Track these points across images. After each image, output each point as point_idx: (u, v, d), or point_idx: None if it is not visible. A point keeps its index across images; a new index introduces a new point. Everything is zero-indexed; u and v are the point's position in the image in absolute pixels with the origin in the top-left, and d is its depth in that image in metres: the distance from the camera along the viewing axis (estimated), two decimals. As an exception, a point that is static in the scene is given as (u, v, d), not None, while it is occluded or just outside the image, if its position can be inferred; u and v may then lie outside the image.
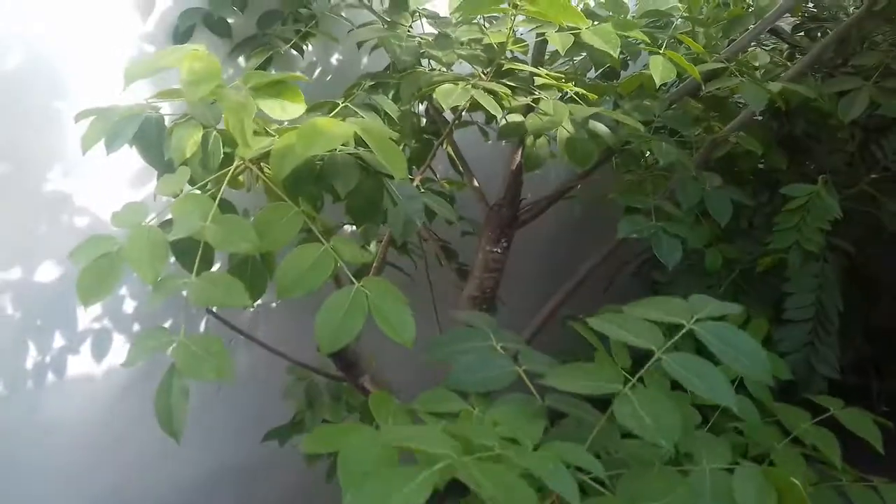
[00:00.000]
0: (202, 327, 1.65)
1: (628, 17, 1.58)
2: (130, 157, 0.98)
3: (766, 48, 2.00)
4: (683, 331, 0.78)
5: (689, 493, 0.70)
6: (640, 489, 0.69)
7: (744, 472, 0.74)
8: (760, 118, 1.88)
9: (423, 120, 1.61)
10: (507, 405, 0.78)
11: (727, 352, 0.75)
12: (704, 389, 0.72)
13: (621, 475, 0.72)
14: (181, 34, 1.45)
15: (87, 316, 1.46)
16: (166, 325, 1.59)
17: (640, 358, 0.80)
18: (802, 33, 1.93)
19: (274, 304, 1.78)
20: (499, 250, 1.47)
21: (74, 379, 1.47)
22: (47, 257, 1.39)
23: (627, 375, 0.77)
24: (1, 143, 1.30)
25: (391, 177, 0.92)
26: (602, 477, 0.65)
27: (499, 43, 1.26)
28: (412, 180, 1.33)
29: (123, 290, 1.49)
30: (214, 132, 0.94)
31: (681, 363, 0.74)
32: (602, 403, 0.82)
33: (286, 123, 0.95)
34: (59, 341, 1.44)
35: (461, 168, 1.58)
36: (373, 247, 1.56)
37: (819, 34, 1.92)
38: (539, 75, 1.24)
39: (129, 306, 1.52)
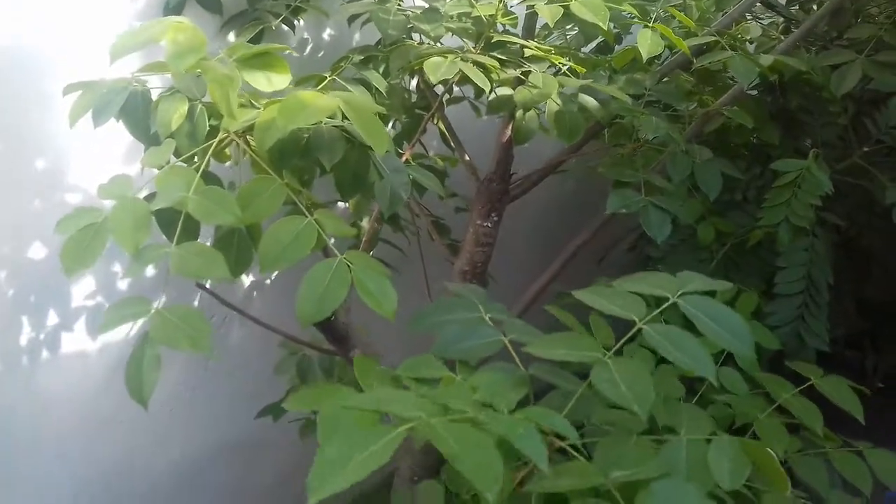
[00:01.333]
0: (196, 303, 1.66)
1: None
2: (121, 134, 0.99)
3: (763, 22, 1.99)
4: (667, 304, 0.79)
5: (662, 463, 0.70)
6: (616, 457, 0.70)
7: (720, 444, 0.75)
8: (755, 92, 1.87)
9: (414, 95, 1.61)
10: (488, 373, 0.79)
11: (710, 326, 0.76)
12: (684, 360, 0.73)
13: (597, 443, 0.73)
14: (171, 9, 1.44)
15: (81, 293, 1.47)
16: (161, 300, 1.60)
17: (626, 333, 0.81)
18: (797, 6, 1.92)
19: (268, 281, 1.79)
20: (489, 224, 1.48)
21: (69, 356, 1.48)
22: (40, 235, 1.39)
23: (607, 347, 0.77)
24: (-6, 123, 1.31)
25: (378, 150, 0.93)
26: (577, 443, 0.66)
27: (488, 15, 1.26)
28: (402, 155, 1.33)
29: (116, 267, 1.50)
30: (200, 105, 0.95)
31: (662, 334, 0.75)
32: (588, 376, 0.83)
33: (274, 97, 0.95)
34: (52, 318, 1.45)
35: (452, 143, 1.58)
36: (365, 222, 1.57)
37: (815, 6, 1.91)
38: (528, 47, 1.23)
39: (123, 283, 1.52)
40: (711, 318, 0.75)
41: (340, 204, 1.78)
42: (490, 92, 1.22)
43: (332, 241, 0.88)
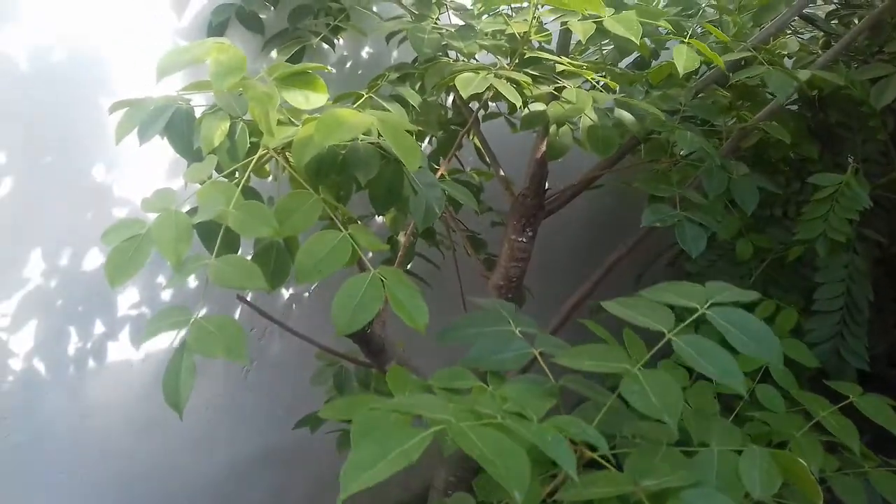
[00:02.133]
0: (237, 315, 1.70)
1: (657, 6, 1.59)
2: (167, 149, 1.02)
3: (803, 37, 1.98)
4: (696, 315, 0.79)
5: (693, 473, 0.70)
6: (646, 467, 0.70)
7: (751, 454, 0.75)
8: (795, 107, 1.86)
9: (451, 112, 1.63)
10: (519, 383, 0.80)
11: (738, 336, 0.76)
12: (714, 372, 0.73)
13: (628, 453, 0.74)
14: (214, 28, 1.49)
15: (126, 303, 1.52)
16: (202, 312, 1.63)
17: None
18: (836, 21, 1.91)
19: (306, 294, 1.82)
20: (524, 240, 1.49)
21: (113, 364, 1.53)
22: (90, 246, 1.44)
23: (640, 360, 0.78)
24: (49, 136, 1.36)
25: (411, 166, 0.95)
26: (607, 453, 0.67)
27: (521, 32, 1.28)
28: (437, 170, 1.35)
29: (160, 279, 1.54)
30: (241, 122, 0.97)
31: (691, 345, 0.75)
32: (619, 389, 0.83)
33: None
34: (99, 328, 1.50)
35: (488, 159, 1.59)
36: (402, 237, 1.59)
37: (856, 20, 1.89)
38: (561, 63, 1.25)
39: (166, 294, 1.57)
40: (739, 329, 0.75)
41: (378, 218, 1.81)
42: (523, 107, 1.23)
43: (370, 255, 0.90)
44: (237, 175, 0.94)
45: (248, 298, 1.55)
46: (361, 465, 0.52)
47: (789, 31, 1.87)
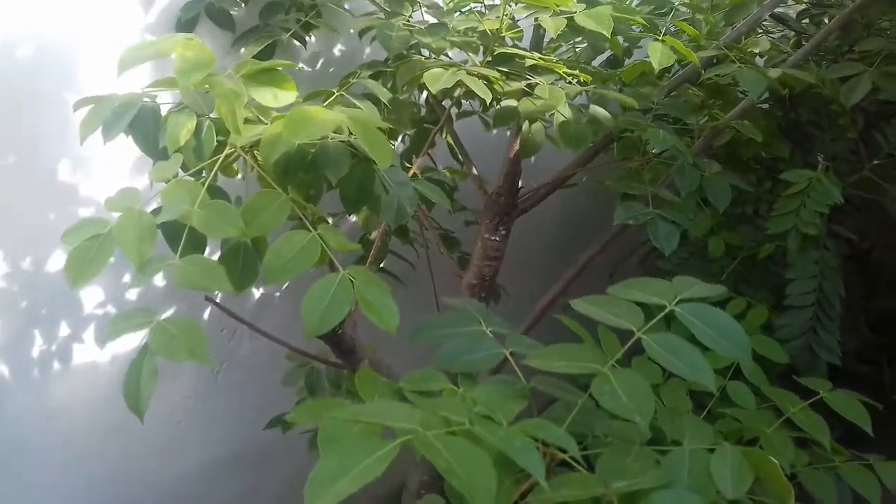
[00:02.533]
0: (206, 316, 1.68)
1: (630, 4, 1.59)
2: (135, 147, 1.00)
3: (774, 36, 1.99)
4: (664, 312, 0.78)
5: (664, 473, 0.70)
6: (618, 468, 0.70)
7: (722, 453, 0.75)
8: (766, 106, 1.87)
9: (423, 110, 1.62)
10: (489, 385, 0.79)
11: (707, 332, 0.75)
12: (684, 370, 0.73)
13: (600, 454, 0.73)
14: (183, 25, 1.47)
15: (91, 304, 1.49)
16: (170, 312, 1.61)
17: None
18: (807, 20, 1.92)
19: (277, 294, 1.80)
20: (497, 238, 1.48)
21: (79, 367, 1.49)
22: (54, 247, 1.41)
23: (615, 358, 0.77)
24: (12, 135, 1.32)
25: (383, 164, 0.93)
26: (576, 454, 0.66)
27: (493, 29, 1.27)
28: (409, 168, 1.34)
29: (126, 278, 1.51)
30: (208, 120, 0.96)
31: (660, 343, 0.74)
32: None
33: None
34: (64, 330, 1.47)
35: (461, 157, 1.59)
36: (375, 235, 1.58)
37: (826, 20, 1.91)
38: (532, 59, 1.24)
39: (132, 294, 1.54)
40: (707, 325, 0.75)
41: (352, 217, 1.80)
42: (494, 104, 1.23)
43: (340, 255, 0.89)
44: (204, 174, 0.93)
45: (218, 299, 1.53)
46: (325, 481, 0.51)
47: (760, 31, 1.88)
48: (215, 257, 0.88)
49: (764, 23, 1.83)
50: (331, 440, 0.60)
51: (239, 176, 1.07)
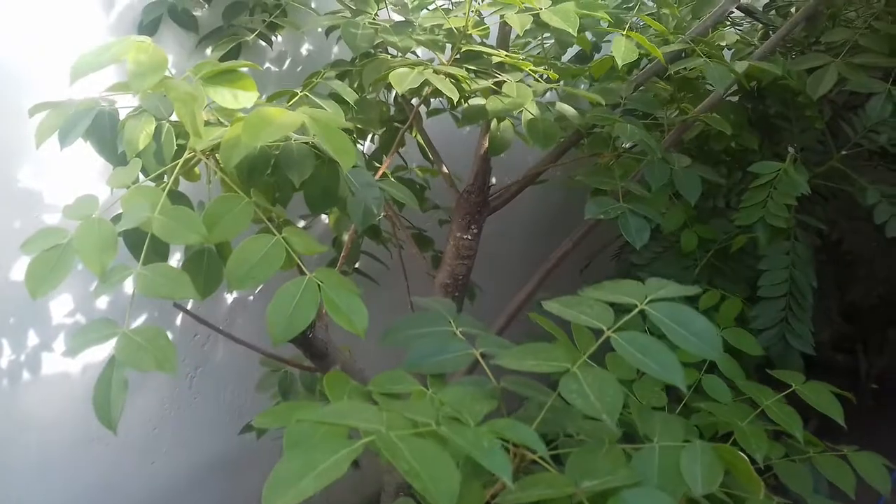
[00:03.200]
0: (178, 322, 1.65)
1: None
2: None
3: (742, 28, 2.00)
4: (635, 311, 0.78)
5: (634, 471, 0.70)
6: (588, 467, 0.69)
7: (692, 449, 0.75)
8: (735, 98, 1.88)
9: (393, 108, 1.61)
10: (458, 386, 0.78)
11: (677, 331, 0.75)
12: (653, 368, 0.72)
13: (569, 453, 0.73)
14: (146, 27, 1.44)
15: (60, 312, 1.46)
16: (141, 319, 1.59)
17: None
18: (774, 11, 1.93)
19: (251, 298, 1.78)
20: (469, 237, 1.47)
21: (50, 376, 1.47)
22: (20, 255, 1.38)
23: (581, 355, 0.77)
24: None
25: (347, 165, 0.92)
26: (545, 455, 0.65)
27: (459, 27, 1.26)
28: (378, 168, 1.33)
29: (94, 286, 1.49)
30: (167, 124, 0.94)
31: (629, 342, 0.74)
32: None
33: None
34: (33, 339, 1.44)
35: (431, 155, 1.58)
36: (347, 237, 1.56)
37: (793, 11, 1.91)
38: (498, 56, 1.23)
39: (102, 301, 1.52)
40: (678, 323, 0.74)
41: (323, 218, 1.78)
42: (461, 102, 1.22)
43: (313, 258, 0.88)
44: (165, 179, 0.91)
45: (189, 305, 1.51)
46: (287, 481, 0.50)
47: (728, 23, 1.88)
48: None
49: (732, 15, 1.83)
50: (296, 443, 0.59)
51: (203, 180, 1.05)
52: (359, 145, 1.49)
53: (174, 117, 0.95)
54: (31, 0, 1.32)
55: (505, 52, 1.27)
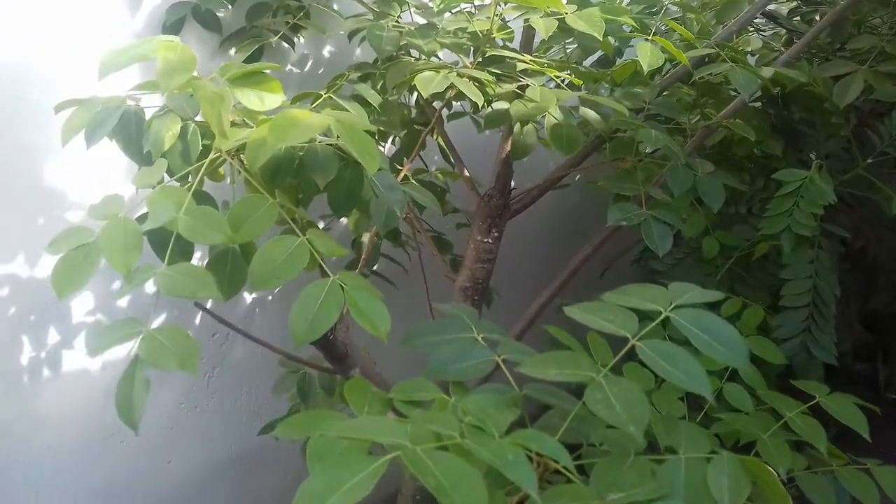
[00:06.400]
0: (197, 321, 1.66)
1: (620, 4, 1.57)
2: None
3: (766, 34, 1.99)
4: (660, 318, 0.77)
5: (660, 484, 0.69)
6: (613, 478, 0.68)
7: (719, 462, 0.73)
8: (758, 105, 1.86)
9: (414, 111, 1.61)
10: (481, 394, 0.77)
11: (703, 338, 0.74)
12: (678, 377, 0.71)
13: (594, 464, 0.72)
14: (169, 27, 1.45)
15: (81, 310, 1.47)
16: (161, 318, 1.60)
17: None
18: (798, 17, 1.91)
19: (270, 298, 1.78)
20: (490, 240, 1.46)
21: (70, 374, 1.48)
22: (41, 252, 1.39)
23: (605, 365, 0.76)
24: (-1, 141, 1.31)
25: (372, 167, 0.92)
26: (569, 465, 0.64)
27: (483, 30, 1.25)
28: (400, 171, 1.33)
29: (117, 284, 1.50)
30: (193, 124, 0.94)
31: (655, 350, 0.73)
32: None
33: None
34: (53, 336, 1.45)
35: (452, 159, 1.57)
36: (366, 239, 1.56)
37: (817, 17, 1.90)
38: (523, 61, 1.23)
39: (123, 301, 1.52)
40: (704, 331, 0.73)
41: (342, 220, 1.78)
42: (486, 106, 1.21)
43: (332, 259, 0.87)
44: (190, 179, 0.91)
45: (209, 304, 1.51)
46: (313, 501, 0.50)
47: (752, 29, 1.87)
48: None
49: (755, 21, 1.82)
50: (319, 456, 0.58)
51: (227, 180, 1.05)
52: (380, 147, 1.48)
53: (199, 117, 0.95)
54: (59, 2, 1.33)
55: (529, 57, 1.26)
